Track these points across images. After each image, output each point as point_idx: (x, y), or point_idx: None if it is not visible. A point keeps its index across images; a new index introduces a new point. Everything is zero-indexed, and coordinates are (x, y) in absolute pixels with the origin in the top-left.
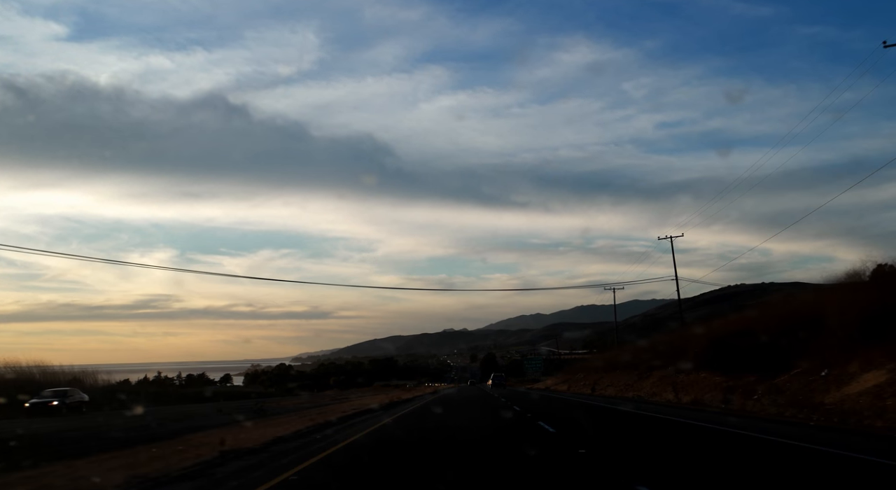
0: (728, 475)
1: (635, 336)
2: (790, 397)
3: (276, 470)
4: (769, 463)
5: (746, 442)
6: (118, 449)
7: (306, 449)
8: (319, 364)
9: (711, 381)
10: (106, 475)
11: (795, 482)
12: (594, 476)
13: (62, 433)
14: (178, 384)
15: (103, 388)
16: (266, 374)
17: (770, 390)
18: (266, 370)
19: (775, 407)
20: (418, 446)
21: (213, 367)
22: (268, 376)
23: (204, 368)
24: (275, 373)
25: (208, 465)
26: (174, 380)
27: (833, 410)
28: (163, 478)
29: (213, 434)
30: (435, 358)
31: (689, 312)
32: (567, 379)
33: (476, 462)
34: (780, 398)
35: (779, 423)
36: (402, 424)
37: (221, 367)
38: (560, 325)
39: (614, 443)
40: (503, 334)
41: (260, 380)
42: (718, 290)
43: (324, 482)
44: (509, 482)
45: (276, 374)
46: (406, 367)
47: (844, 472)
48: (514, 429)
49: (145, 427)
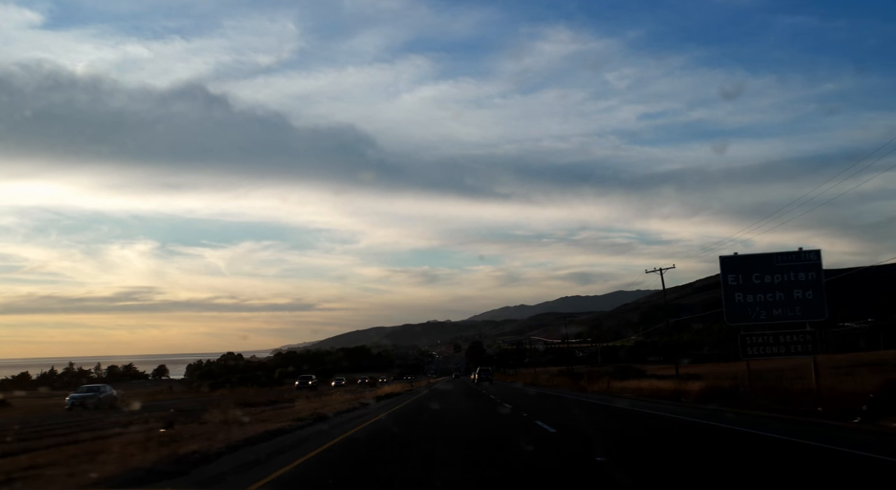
0: None
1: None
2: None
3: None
4: None
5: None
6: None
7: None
8: (277, 353)
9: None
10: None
11: None
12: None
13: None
14: (98, 378)
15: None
16: (210, 365)
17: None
18: (209, 363)
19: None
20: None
21: (192, 360)
22: (211, 369)
23: (184, 361)
24: (221, 363)
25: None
26: (90, 373)
27: None
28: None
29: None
30: (416, 348)
31: (690, 297)
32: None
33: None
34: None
35: None
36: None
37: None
38: (547, 314)
39: None
40: (488, 325)
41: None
42: (714, 276)
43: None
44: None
45: (221, 367)
46: (380, 356)
47: None
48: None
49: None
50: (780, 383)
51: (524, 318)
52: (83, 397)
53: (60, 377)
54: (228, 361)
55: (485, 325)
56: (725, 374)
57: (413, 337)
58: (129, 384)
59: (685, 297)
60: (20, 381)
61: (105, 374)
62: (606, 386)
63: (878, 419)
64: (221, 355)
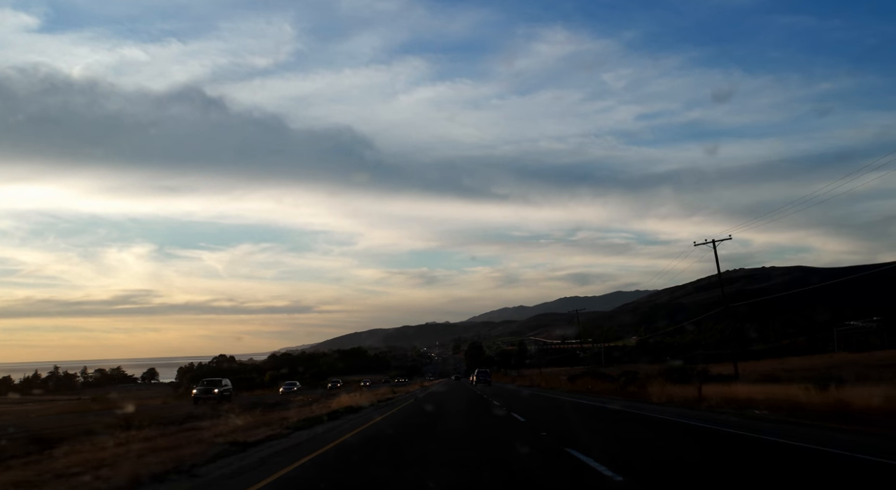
0: None
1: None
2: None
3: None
4: None
5: None
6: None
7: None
8: (271, 355)
9: None
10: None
11: None
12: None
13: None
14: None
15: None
16: (201, 368)
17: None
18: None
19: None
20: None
21: (190, 362)
22: (203, 371)
23: (182, 364)
24: (211, 367)
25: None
26: (76, 376)
27: None
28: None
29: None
30: (414, 349)
31: (692, 296)
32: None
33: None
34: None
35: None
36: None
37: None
38: (545, 315)
39: None
40: (487, 326)
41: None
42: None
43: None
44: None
45: (213, 370)
46: (376, 358)
47: None
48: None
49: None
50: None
51: (523, 319)
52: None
53: (45, 381)
54: (221, 364)
55: (483, 326)
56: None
57: (411, 338)
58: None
59: (686, 296)
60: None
61: (92, 377)
62: (697, 393)
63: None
64: (213, 358)
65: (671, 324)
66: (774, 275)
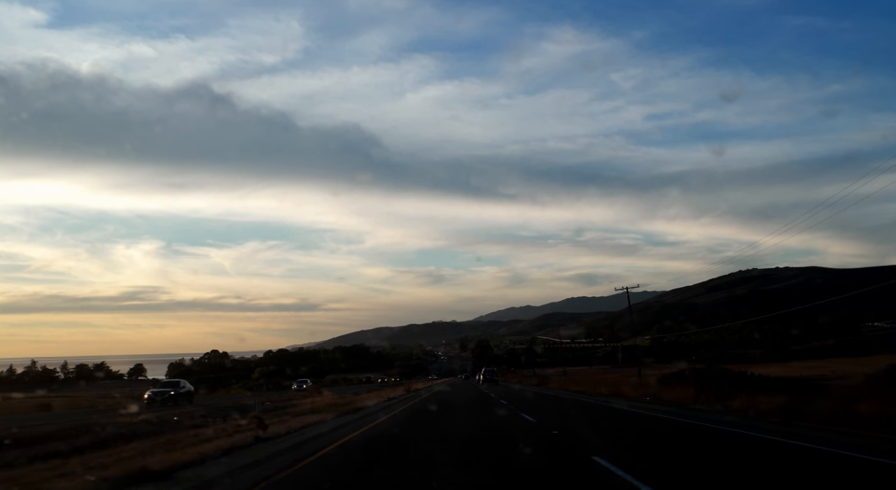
0: None
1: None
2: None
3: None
4: None
5: None
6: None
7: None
8: (267, 352)
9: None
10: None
11: None
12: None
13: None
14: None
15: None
16: (192, 364)
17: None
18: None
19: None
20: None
21: (180, 359)
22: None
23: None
24: (205, 362)
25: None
26: (56, 372)
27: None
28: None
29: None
30: (419, 348)
31: (703, 296)
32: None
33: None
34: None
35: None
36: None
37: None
38: (553, 315)
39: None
40: (493, 325)
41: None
42: (728, 275)
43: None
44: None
45: (204, 366)
46: (379, 355)
47: None
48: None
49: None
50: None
51: (530, 318)
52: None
53: (20, 377)
54: (213, 360)
55: (490, 325)
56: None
57: (417, 337)
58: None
59: (699, 296)
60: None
61: (73, 373)
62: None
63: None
64: (204, 354)
65: (681, 323)
66: (787, 275)
